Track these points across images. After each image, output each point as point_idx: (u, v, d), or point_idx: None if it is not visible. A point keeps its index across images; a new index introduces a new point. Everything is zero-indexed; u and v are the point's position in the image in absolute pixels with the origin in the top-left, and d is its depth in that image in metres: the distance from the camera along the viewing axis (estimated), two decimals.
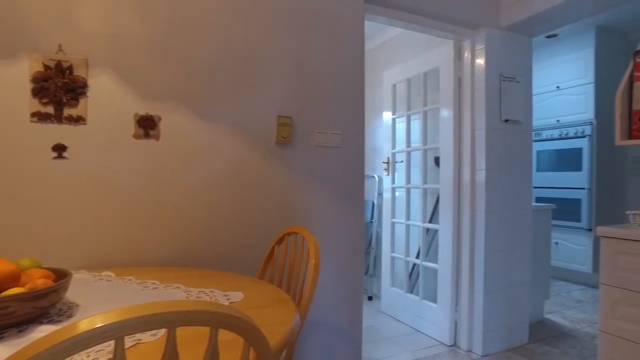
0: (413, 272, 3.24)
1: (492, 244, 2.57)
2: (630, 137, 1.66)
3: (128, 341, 0.82)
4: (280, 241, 1.64)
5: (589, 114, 4.26)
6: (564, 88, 4.51)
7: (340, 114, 2.08)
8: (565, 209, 4.39)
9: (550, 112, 4.63)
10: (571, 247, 4.37)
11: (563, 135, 4.47)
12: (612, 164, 4.38)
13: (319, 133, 2.00)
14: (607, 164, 4.32)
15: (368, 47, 4.04)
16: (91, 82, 1.54)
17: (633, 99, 1.66)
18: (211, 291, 1.25)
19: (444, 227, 2.74)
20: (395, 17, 2.32)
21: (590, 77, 4.27)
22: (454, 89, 2.68)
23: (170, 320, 0.53)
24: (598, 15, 4.01)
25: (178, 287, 1.27)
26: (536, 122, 4.76)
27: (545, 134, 4.65)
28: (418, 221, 3.03)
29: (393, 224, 3.31)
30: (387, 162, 3.33)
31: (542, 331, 2.98)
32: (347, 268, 2.11)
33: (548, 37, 4.53)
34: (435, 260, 2.89)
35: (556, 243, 4.51)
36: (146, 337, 0.85)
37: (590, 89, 4.25)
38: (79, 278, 1.35)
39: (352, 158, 2.11)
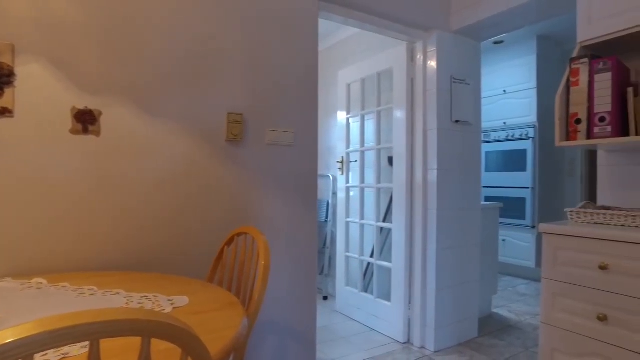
0: (367, 271, 3.26)
1: (443, 242, 2.63)
2: (568, 138, 1.74)
3: (53, 356, 0.74)
4: (229, 242, 1.58)
5: (532, 117, 4.48)
6: (510, 92, 4.72)
7: (293, 112, 2.04)
8: (511, 208, 4.59)
9: (498, 115, 4.83)
10: (517, 243, 4.58)
11: (509, 137, 4.68)
12: (553, 164, 4.64)
13: (271, 131, 1.96)
14: (548, 164, 4.56)
15: (324, 47, 4.04)
16: (19, 70, 1.41)
17: (570, 103, 1.74)
18: (154, 296, 1.18)
19: (397, 226, 2.77)
20: (349, 17, 2.32)
21: (533, 82, 4.50)
22: (406, 89, 2.72)
23: (91, 333, 0.47)
24: (539, 25, 4.23)
25: (118, 293, 1.18)
26: (485, 124, 4.95)
27: (493, 136, 4.84)
28: (372, 220, 3.05)
29: (347, 223, 3.31)
30: (342, 162, 3.33)
31: (491, 325, 3.09)
32: (300, 268, 2.08)
33: (495, 43, 4.73)
34: (389, 259, 2.92)
35: (503, 240, 4.70)
36: (75, 349, 0.78)
37: (533, 94, 4.48)
38: (1, 287, 1.23)
39: (306, 157, 2.08)
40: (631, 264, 1.43)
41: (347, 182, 3.32)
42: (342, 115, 3.36)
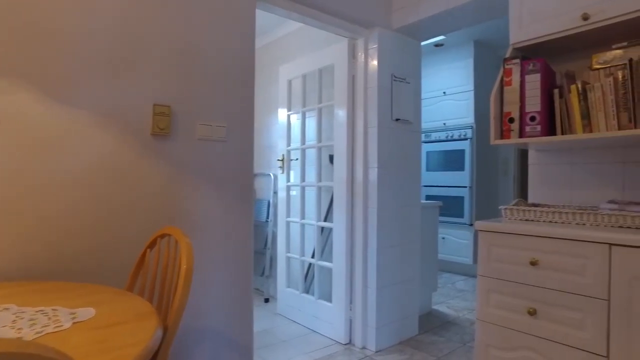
0: (309, 272, 3.19)
1: (384, 241, 2.62)
2: (502, 137, 1.77)
3: None
4: (152, 245, 1.44)
5: (470, 118, 4.64)
6: (450, 94, 4.86)
7: (227, 106, 1.93)
8: (451, 206, 4.73)
9: (438, 116, 4.96)
10: (455, 241, 4.72)
11: (449, 138, 4.81)
12: (488, 164, 4.83)
13: (203, 125, 1.83)
14: (484, 164, 4.74)
15: (265, 42, 3.93)
16: None
17: (504, 102, 1.77)
18: (54, 309, 1.03)
19: (338, 226, 2.72)
20: (290, 9, 2.24)
21: (470, 85, 4.65)
22: (347, 86, 2.68)
23: None
24: (476, 31, 4.39)
25: (7, 308, 1.02)
26: (426, 125, 5.07)
27: (434, 136, 4.96)
28: (313, 220, 2.99)
29: (288, 223, 3.23)
30: (282, 160, 3.25)
31: (430, 322, 3.13)
32: (235, 271, 1.96)
33: (436, 46, 4.85)
34: (330, 259, 2.87)
35: (443, 238, 4.83)
36: None
37: (471, 96, 4.64)
38: None
39: (240, 153, 1.97)
40: (558, 259, 1.46)
41: (288, 180, 3.23)
42: (283, 112, 3.28)
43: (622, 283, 1.32)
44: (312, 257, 3.05)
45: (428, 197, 4.97)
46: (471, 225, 4.57)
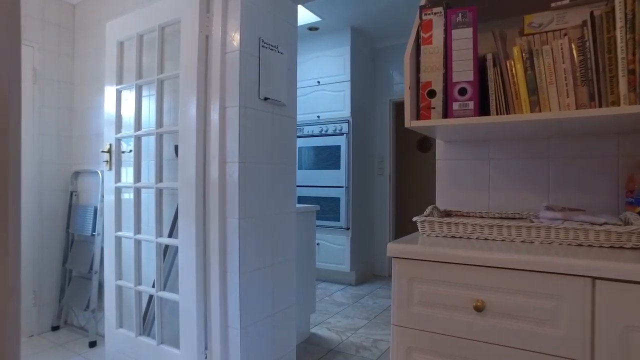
0: (149, 306, 2.33)
1: (250, 262, 1.93)
2: (419, 117, 1.23)
3: None
4: None
5: (346, 111, 4.22)
6: (324, 84, 4.38)
7: None
8: (325, 208, 4.25)
9: (311, 107, 4.45)
10: (331, 247, 4.27)
11: (323, 132, 4.34)
12: (364, 162, 4.49)
13: None
14: (360, 162, 4.38)
15: None
16: None
17: (421, 69, 1.23)
18: None
19: (185, 243, 1.94)
20: None
21: (347, 74, 4.24)
22: (199, 50, 1.92)
23: None
24: (353, 15, 3.98)
25: None
26: (298, 117, 4.52)
27: (306, 130, 4.44)
28: (153, 235, 2.14)
29: (119, 238, 2.32)
30: (109, 152, 2.32)
31: (311, 353, 2.54)
32: None
33: (310, 29, 4.33)
34: (178, 289, 2.07)
35: (318, 244, 4.34)
36: None
37: (347, 87, 4.23)
38: None
39: None
40: (515, 300, 0.95)
41: (118, 180, 2.32)
42: (111, 88, 2.34)
43: (611, 336, 0.86)
44: (153, 286, 2.20)
45: (300, 199, 4.43)
46: (348, 229, 4.16)
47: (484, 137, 1.52)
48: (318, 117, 4.40)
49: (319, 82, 4.41)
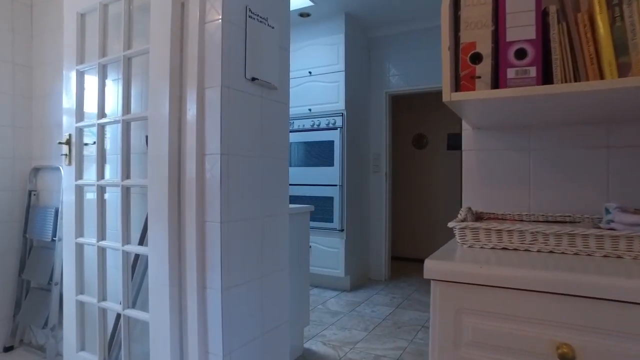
0: (117, 326, 1.99)
1: (234, 274, 1.61)
2: (459, 88, 0.93)
3: None
4: None
5: (340, 103, 3.91)
6: (316, 74, 4.07)
7: None
8: (318, 209, 3.94)
9: (302, 100, 4.13)
10: (324, 250, 3.95)
11: (315, 126, 4.02)
12: (359, 159, 4.19)
13: None
14: (355, 159, 4.08)
15: None
16: None
17: (461, 25, 0.93)
18: None
19: (156, 252, 1.61)
20: None
21: (341, 64, 3.93)
22: (172, 19, 1.59)
23: None
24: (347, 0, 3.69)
25: None
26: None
27: (297, 124, 4.12)
28: (119, 242, 1.80)
29: (80, 245, 1.98)
30: (69, 143, 1.97)
31: None
32: None
33: (301, 15, 4.01)
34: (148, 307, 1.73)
35: (310, 247, 4.02)
36: None
37: (341, 77, 3.92)
38: None
39: None
40: (617, 347, 0.66)
41: (80, 177, 1.97)
42: (70, 68, 1.99)
43: None
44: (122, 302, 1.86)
45: (290, 199, 4.10)
46: (342, 230, 3.85)
47: (523, 122, 1.23)
48: (309, 110, 4.08)
49: (310, 72, 4.09)
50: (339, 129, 3.86)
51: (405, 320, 3.11)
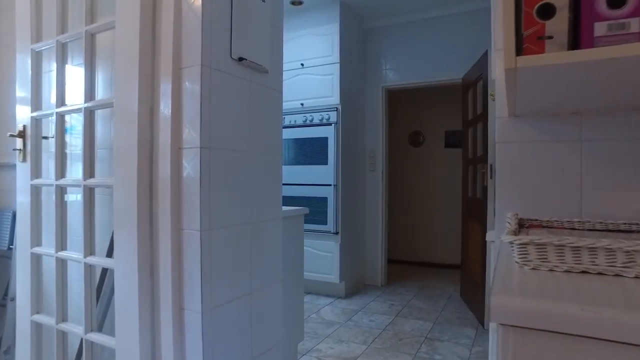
0: (80, 353, 1.71)
1: (217, 292, 1.34)
2: (523, 52, 0.68)
3: None
4: None
5: (334, 97, 3.66)
6: (309, 66, 3.81)
7: None
8: (311, 210, 3.67)
9: (294, 94, 3.86)
10: (317, 254, 3.70)
11: (308, 122, 3.76)
12: (355, 157, 3.94)
13: None
14: (350, 157, 3.83)
15: None
16: None
17: None
18: None
19: (123, 265, 1.34)
20: None
21: (335, 55, 3.68)
22: None
23: None
24: None
25: None
26: None
27: (288, 119, 3.85)
28: (81, 253, 1.52)
29: (37, 256, 1.69)
30: (22, 137, 1.68)
31: None
32: None
33: (293, 3, 3.74)
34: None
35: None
36: None
37: (336, 69, 3.66)
38: None
39: None
40: None
41: (36, 175, 1.68)
42: (24, 47, 1.70)
43: None
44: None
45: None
46: (336, 233, 3.60)
47: (573, 107, 0.99)
48: (302, 104, 3.82)
49: (302, 64, 3.83)
50: (333, 124, 3.61)
51: (406, 330, 2.88)
